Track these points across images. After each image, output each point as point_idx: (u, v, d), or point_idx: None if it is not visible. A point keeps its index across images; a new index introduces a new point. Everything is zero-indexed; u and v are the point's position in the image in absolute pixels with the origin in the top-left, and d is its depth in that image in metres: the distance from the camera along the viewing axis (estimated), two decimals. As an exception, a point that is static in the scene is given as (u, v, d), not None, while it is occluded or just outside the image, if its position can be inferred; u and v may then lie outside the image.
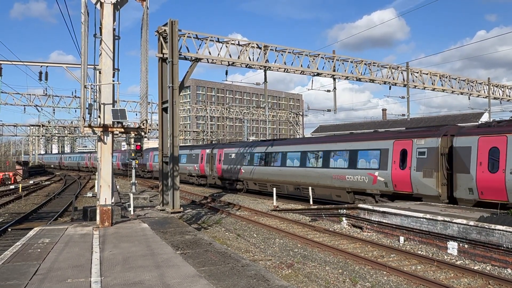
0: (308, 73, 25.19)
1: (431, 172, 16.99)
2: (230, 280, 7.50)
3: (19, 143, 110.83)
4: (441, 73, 31.41)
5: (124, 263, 8.60)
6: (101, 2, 13.25)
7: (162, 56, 20.09)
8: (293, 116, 61.98)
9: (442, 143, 17.00)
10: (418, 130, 18.94)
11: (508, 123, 15.81)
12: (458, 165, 16.15)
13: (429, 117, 71.84)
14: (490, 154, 15.14)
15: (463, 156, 15.94)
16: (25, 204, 26.40)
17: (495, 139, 15.08)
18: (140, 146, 29.75)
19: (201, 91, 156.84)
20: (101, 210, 13.02)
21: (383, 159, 19.15)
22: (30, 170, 64.82)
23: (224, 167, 33.53)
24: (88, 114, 13.10)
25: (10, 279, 7.48)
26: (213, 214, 21.49)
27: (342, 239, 14.98)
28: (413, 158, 17.76)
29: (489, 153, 15.16)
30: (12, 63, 17.70)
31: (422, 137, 17.79)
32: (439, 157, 16.92)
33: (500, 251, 11.17)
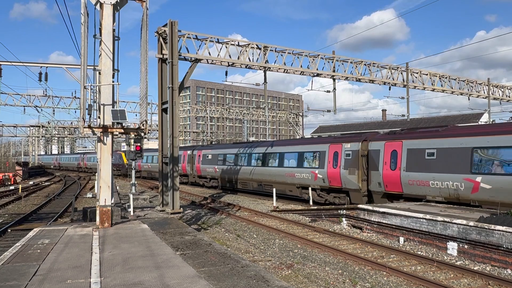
0: (307, 74, 25.20)
1: (354, 170, 20.67)
2: (229, 280, 7.50)
3: (19, 144, 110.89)
4: (441, 73, 31.43)
5: (123, 264, 8.60)
6: (100, 3, 13.26)
7: (161, 56, 20.09)
8: (293, 116, 62.00)
9: (362, 146, 20.63)
10: (347, 136, 23.35)
11: (407, 131, 19.68)
12: (371, 164, 19.93)
13: (428, 118, 71.87)
14: (391, 156, 19.00)
15: (375, 157, 19.78)
16: (25, 205, 26.40)
17: (394, 143, 18.97)
18: (140, 147, 29.70)
19: (201, 91, 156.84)
20: (100, 211, 13.02)
21: (321, 160, 22.93)
22: (30, 171, 64.80)
23: (202, 167, 37.29)
24: (88, 114, 13.10)
25: (10, 280, 7.48)
26: (213, 214, 21.49)
27: (342, 239, 14.98)
28: (342, 158, 21.49)
29: (391, 155, 19.04)
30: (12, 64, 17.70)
31: (348, 141, 21.63)
32: (360, 158, 20.57)
33: (500, 251, 11.17)
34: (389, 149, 19.15)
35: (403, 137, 18.91)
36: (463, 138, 16.22)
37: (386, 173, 18.96)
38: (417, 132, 18.69)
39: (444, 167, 16.44)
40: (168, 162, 19.35)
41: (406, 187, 18.00)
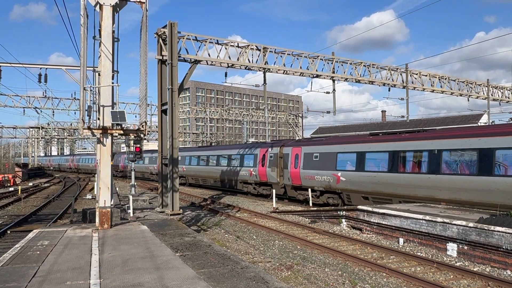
0: (307, 75, 25.22)
1: (275, 168, 27.02)
2: (229, 282, 7.50)
3: (18, 145, 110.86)
4: (440, 74, 31.46)
5: (123, 265, 8.60)
6: (100, 4, 13.27)
7: (161, 58, 20.11)
8: (292, 117, 62.01)
9: (280, 150, 27.03)
10: (271, 142, 31.18)
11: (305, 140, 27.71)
12: (284, 164, 26.38)
13: (428, 119, 71.90)
14: (295, 158, 25.28)
15: (286, 159, 26.24)
16: (24, 206, 26.39)
17: (297, 149, 25.45)
18: (140, 148, 29.70)
19: (201, 93, 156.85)
20: (100, 212, 13.01)
21: (255, 160, 29.58)
22: (30, 172, 64.75)
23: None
24: (88, 116, 13.10)
25: (9, 281, 7.47)
26: (213, 216, 21.48)
27: (341, 240, 14.98)
28: (267, 159, 27.90)
29: (294, 157, 25.35)
30: (12, 65, 17.70)
31: (272, 146, 28.37)
32: (278, 159, 26.90)
33: (500, 252, 11.17)
34: (294, 152, 25.40)
35: (302, 144, 25.46)
36: (332, 145, 22.86)
37: (292, 170, 25.25)
38: (311, 141, 25.69)
39: (323, 166, 22.89)
40: (167, 164, 19.35)
41: (304, 181, 24.25)
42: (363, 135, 24.64)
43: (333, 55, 25.72)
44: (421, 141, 18.26)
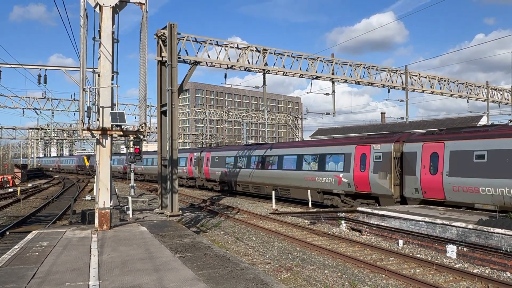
0: (307, 76, 25.23)
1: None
2: (228, 283, 7.49)
3: (17, 146, 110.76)
4: (440, 76, 31.49)
5: (122, 267, 8.58)
6: (100, 5, 13.27)
7: (161, 59, 20.10)
8: (292, 119, 62.04)
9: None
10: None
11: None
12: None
13: (427, 120, 71.96)
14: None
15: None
16: (24, 207, 26.35)
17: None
18: (139, 149, 29.69)
19: (200, 94, 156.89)
20: (99, 213, 13.00)
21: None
22: (29, 173, 64.67)
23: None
24: (87, 117, 13.10)
25: (8, 283, 7.45)
26: (212, 217, 21.46)
27: (341, 242, 14.97)
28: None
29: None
30: (11, 66, 17.71)
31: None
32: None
33: (499, 254, 11.17)
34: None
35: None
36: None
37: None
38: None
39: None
40: (167, 165, 19.34)
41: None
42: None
43: (333, 56, 25.73)
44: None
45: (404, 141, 18.79)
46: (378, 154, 19.48)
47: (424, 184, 17.26)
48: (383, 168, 19.03)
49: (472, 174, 15.56)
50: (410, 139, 18.72)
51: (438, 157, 16.88)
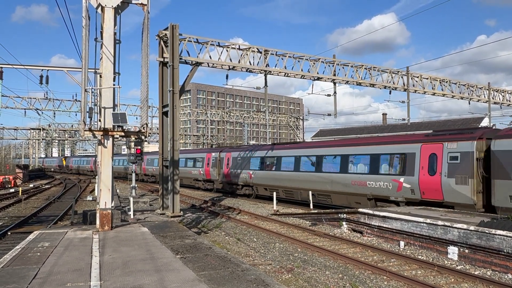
0: (308, 78, 25.23)
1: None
2: (229, 284, 7.49)
3: (19, 146, 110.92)
4: (441, 77, 31.46)
5: (123, 267, 8.59)
6: (102, 6, 13.30)
7: (162, 60, 20.13)
8: (293, 120, 62.03)
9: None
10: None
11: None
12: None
13: (429, 122, 71.88)
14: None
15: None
16: (25, 208, 26.38)
17: None
18: (141, 150, 29.73)
19: (202, 95, 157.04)
20: (101, 214, 13.01)
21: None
22: (30, 173, 64.77)
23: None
24: (89, 117, 13.12)
25: (10, 283, 7.46)
26: (213, 218, 21.46)
27: (342, 243, 14.95)
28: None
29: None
30: (13, 67, 17.75)
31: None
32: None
33: (501, 256, 11.14)
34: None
35: None
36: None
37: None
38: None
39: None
40: (168, 165, 19.35)
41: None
42: None
43: (334, 57, 25.73)
44: None
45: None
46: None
47: None
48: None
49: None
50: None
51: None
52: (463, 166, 16.03)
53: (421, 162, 17.61)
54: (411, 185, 17.81)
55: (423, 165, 17.43)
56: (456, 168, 16.20)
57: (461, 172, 16.03)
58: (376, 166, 19.70)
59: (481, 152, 15.82)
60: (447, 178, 16.40)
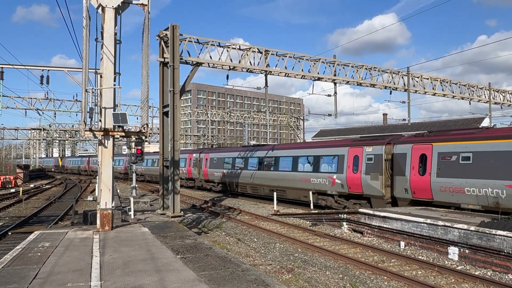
0: (309, 78, 25.23)
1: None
2: (230, 284, 7.49)
3: (20, 146, 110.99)
4: (442, 78, 31.45)
5: (124, 267, 8.59)
6: (102, 6, 13.31)
7: (163, 60, 20.13)
8: (293, 120, 62.04)
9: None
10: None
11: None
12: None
13: (430, 122, 71.83)
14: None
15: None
16: (26, 208, 26.40)
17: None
18: (141, 150, 29.71)
19: (202, 95, 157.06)
20: (101, 214, 13.01)
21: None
22: (31, 173, 64.83)
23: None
24: (89, 118, 13.13)
25: (10, 283, 7.47)
26: (214, 218, 21.47)
27: (342, 244, 14.95)
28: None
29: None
30: (14, 67, 17.76)
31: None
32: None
33: (501, 256, 11.14)
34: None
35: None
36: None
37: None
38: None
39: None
40: (169, 166, 19.36)
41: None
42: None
43: (335, 58, 25.72)
44: None
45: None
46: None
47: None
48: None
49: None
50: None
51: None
52: (375, 165, 19.59)
53: (348, 162, 21.20)
54: (341, 181, 21.38)
55: (349, 165, 21.03)
56: (371, 167, 19.78)
57: (374, 170, 19.61)
58: (317, 165, 23.46)
59: (389, 155, 19.35)
60: (365, 175, 20.00)
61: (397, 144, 19.13)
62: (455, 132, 17.64)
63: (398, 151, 18.86)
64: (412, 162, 18.02)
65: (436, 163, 16.97)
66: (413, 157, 18.05)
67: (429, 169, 17.20)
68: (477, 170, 15.48)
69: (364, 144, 20.81)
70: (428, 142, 17.77)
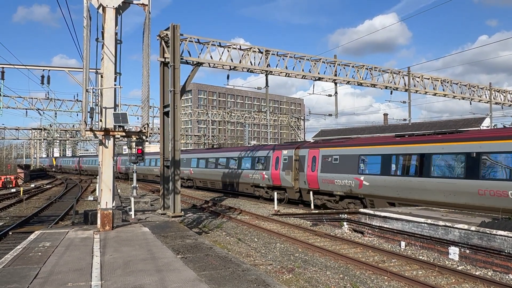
0: (309, 78, 25.23)
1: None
2: (230, 284, 7.49)
3: (20, 146, 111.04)
4: (443, 78, 31.43)
5: (124, 267, 8.60)
6: (103, 6, 13.31)
7: (163, 60, 20.14)
8: (294, 120, 62.05)
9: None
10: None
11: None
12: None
13: (430, 122, 71.78)
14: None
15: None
16: (26, 208, 26.43)
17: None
18: (142, 150, 29.74)
19: (203, 95, 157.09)
20: (102, 214, 13.02)
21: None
22: (32, 173, 64.86)
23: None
24: (90, 118, 13.11)
25: (11, 283, 7.48)
26: (214, 218, 21.47)
27: (343, 244, 14.95)
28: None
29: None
30: (15, 67, 17.78)
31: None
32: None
33: (502, 256, 11.13)
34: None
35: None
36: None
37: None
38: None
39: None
40: (169, 166, 19.36)
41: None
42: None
43: (335, 58, 25.72)
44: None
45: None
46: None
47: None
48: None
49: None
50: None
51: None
52: (289, 164, 25.99)
53: (272, 162, 27.62)
54: (268, 177, 27.88)
55: (273, 164, 27.46)
56: (286, 165, 26.19)
57: (287, 168, 26.04)
58: (254, 164, 29.86)
59: (297, 156, 25.57)
60: (282, 171, 26.47)
61: (301, 149, 25.37)
62: (334, 141, 24.15)
63: (301, 154, 25.14)
64: (308, 162, 24.24)
65: (321, 163, 23.25)
66: (308, 158, 24.25)
67: (317, 167, 23.47)
68: (341, 168, 21.78)
69: (283, 148, 27.18)
70: (317, 147, 24.00)
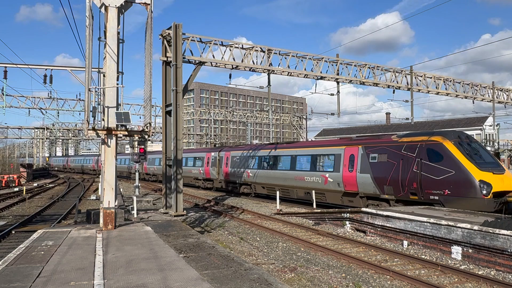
0: (311, 77, 25.21)
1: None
2: (232, 283, 7.50)
3: (23, 145, 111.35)
4: (445, 77, 31.36)
5: (127, 266, 8.61)
6: (105, 6, 13.32)
7: (166, 59, 20.15)
8: (296, 119, 62.01)
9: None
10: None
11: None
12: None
13: (432, 121, 71.64)
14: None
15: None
16: (29, 207, 26.50)
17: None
18: (144, 149, 29.77)
19: (205, 94, 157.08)
20: (104, 213, 13.04)
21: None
22: (34, 172, 65.00)
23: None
24: (92, 117, 13.14)
25: (14, 282, 7.50)
26: (216, 217, 21.48)
27: (345, 243, 14.94)
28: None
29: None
30: (17, 66, 17.83)
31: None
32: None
33: (505, 256, 11.10)
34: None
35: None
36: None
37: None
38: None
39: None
40: (171, 165, 19.38)
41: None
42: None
43: (338, 57, 25.70)
44: None
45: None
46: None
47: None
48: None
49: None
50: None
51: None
52: (214, 162, 36.05)
53: (205, 160, 37.80)
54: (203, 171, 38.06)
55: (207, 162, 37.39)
56: (213, 163, 36.18)
57: (213, 165, 36.13)
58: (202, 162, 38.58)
59: (221, 157, 35.28)
60: (210, 167, 36.74)
61: (221, 152, 35.67)
62: (239, 147, 34.81)
63: (221, 155, 35.38)
64: (224, 160, 34.49)
65: (231, 161, 33.29)
66: (224, 158, 34.50)
67: (229, 164, 33.49)
68: (240, 164, 31.52)
69: (212, 151, 37.49)
70: (229, 151, 34.37)
